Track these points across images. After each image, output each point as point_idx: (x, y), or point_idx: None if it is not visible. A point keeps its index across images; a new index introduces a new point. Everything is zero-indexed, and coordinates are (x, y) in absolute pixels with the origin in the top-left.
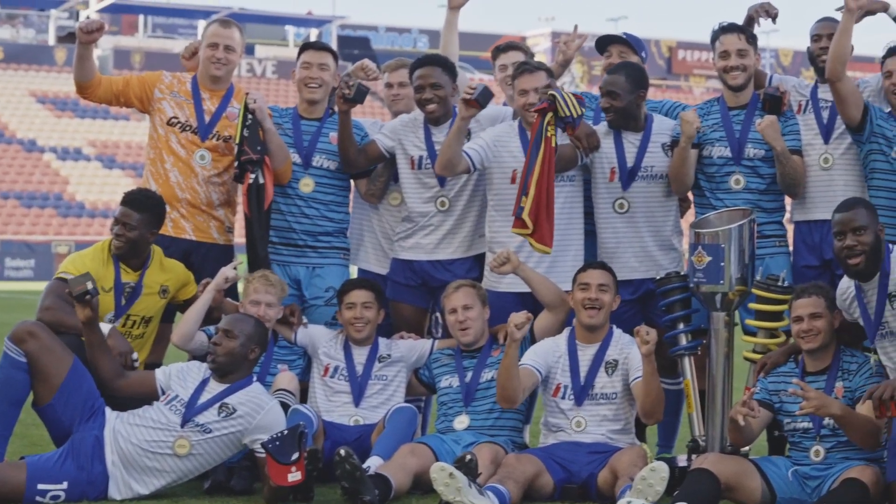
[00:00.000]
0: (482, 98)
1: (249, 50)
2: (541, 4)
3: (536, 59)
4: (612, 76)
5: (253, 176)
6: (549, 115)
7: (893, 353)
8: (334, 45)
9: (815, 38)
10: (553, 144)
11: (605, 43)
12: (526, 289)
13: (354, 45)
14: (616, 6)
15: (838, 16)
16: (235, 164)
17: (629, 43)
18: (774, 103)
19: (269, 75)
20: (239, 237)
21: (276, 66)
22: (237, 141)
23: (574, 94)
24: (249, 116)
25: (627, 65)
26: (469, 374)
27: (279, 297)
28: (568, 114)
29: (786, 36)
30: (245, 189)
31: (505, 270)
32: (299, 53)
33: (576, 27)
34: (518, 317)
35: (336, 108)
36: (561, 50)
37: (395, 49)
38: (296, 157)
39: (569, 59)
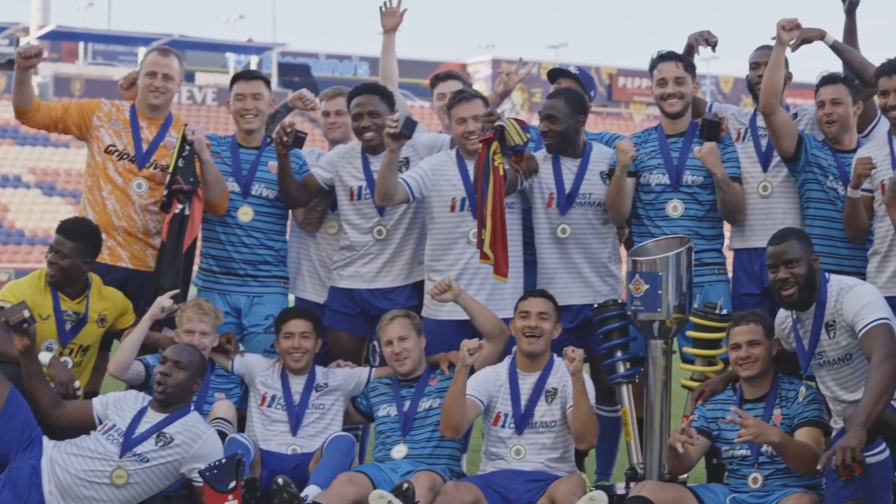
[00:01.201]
0: (406, 129)
1: (189, 77)
2: (481, 32)
3: (477, 86)
4: (551, 100)
5: (181, 206)
6: (495, 144)
7: (831, 382)
8: (274, 73)
9: (754, 65)
10: (501, 173)
11: (557, 75)
12: (467, 317)
13: (295, 72)
14: (557, 33)
15: None
16: (165, 192)
17: (580, 80)
18: (712, 129)
19: (210, 103)
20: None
21: (216, 93)
22: (171, 170)
23: (517, 121)
24: (186, 147)
25: (568, 90)
26: (407, 404)
27: (213, 326)
28: (515, 142)
29: (726, 62)
30: (169, 218)
31: (445, 298)
32: (231, 84)
33: (520, 60)
34: (471, 342)
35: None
36: (502, 80)
37: (335, 76)
38: (234, 186)
39: (509, 90)
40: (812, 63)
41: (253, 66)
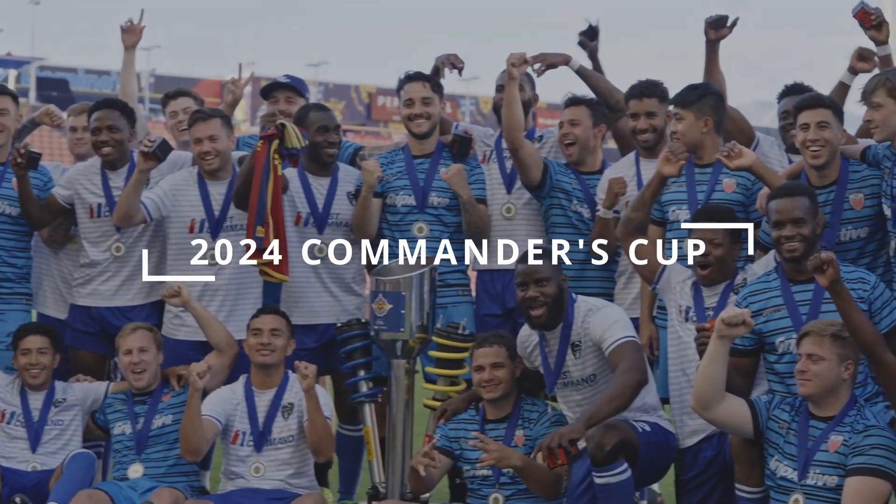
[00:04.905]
0: (160, 151)
1: None
2: (242, 49)
3: (238, 102)
4: (325, 112)
5: None
6: (276, 143)
7: (573, 402)
8: (33, 87)
9: (500, 88)
10: (279, 173)
11: (270, 90)
12: (203, 337)
13: (53, 86)
14: (317, 52)
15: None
16: None
17: (294, 87)
18: (463, 144)
19: None
20: None
21: None
22: None
23: (297, 126)
24: None
25: (318, 104)
26: (141, 421)
27: None
28: (294, 145)
29: (487, 83)
30: None
31: (174, 303)
32: None
33: (240, 65)
34: (198, 366)
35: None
36: (230, 90)
37: (94, 91)
38: None
39: (237, 98)
40: (577, 85)
41: (11, 80)
